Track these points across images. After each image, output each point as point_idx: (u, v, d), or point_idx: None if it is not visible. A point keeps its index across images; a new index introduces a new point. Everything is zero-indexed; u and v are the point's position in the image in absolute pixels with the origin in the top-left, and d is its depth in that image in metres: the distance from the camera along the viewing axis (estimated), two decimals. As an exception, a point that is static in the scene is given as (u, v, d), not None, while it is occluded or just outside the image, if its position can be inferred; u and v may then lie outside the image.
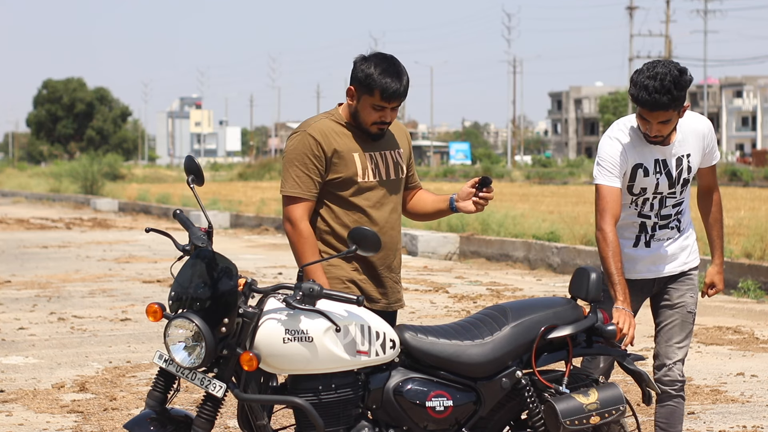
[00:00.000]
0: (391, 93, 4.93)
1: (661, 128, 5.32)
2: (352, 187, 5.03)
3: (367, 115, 5.00)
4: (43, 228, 27.86)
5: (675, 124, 5.36)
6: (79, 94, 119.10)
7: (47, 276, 16.30)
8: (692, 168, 5.51)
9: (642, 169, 5.44)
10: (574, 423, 4.84)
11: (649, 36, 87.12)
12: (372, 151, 5.07)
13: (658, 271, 5.59)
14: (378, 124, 5.01)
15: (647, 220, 5.53)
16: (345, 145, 5.02)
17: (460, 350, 4.86)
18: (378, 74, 4.92)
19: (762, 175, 56.98)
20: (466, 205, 5.14)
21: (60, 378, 8.91)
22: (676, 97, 5.20)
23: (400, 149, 5.18)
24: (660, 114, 5.25)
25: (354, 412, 4.75)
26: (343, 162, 5.01)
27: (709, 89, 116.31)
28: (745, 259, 15.08)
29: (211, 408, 4.60)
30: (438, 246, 19.83)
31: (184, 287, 4.60)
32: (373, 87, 4.93)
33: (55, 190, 48.48)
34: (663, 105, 5.20)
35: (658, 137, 5.37)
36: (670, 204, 5.53)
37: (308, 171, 4.99)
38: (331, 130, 5.04)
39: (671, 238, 5.57)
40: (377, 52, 5.05)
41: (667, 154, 5.46)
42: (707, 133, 5.56)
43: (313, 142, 5.00)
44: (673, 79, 5.18)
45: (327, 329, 4.60)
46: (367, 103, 4.98)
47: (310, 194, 5.01)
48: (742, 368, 9.16)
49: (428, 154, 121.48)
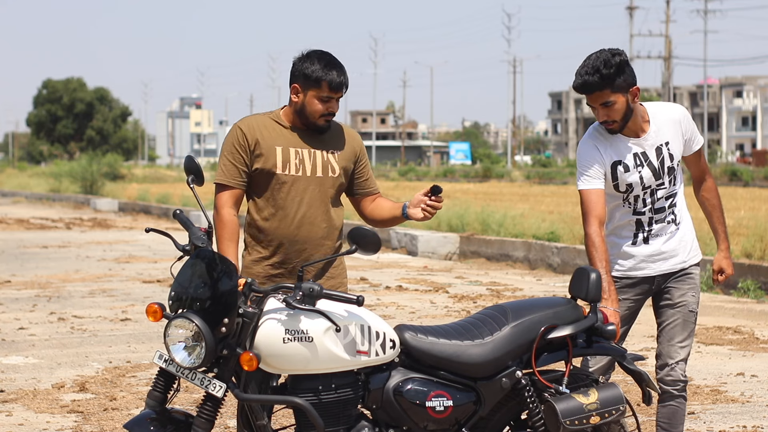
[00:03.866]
0: (338, 83, 5.17)
1: (609, 112, 5.35)
2: (271, 179, 5.22)
3: (313, 108, 5.22)
4: (43, 228, 27.87)
5: (624, 108, 5.36)
6: (79, 94, 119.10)
7: (47, 276, 16.30)
8: (674, 155, 5.50)
9: (621, 166, 5.45)
10: (574, 423, 4.85)
11: (649, 36, 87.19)
12: (300, 148, 5.26)
13: (658, 269, 5.57)
14: (326, 116, 5.23)
15: (642, 216, 5.53)
16: (270, 138, 5.24)
17: (460, 350, 4.86)
18: (322, 68, 5.19)
19: (762, 175, 56.98)
20: (415, 212, 5.25)
21: (60, 378, 8.91)
22: (606, 75, 5.26)
23: (338, 150, 5.32)
24: (597, 96, 5.32)
25: (354, 412, 4.76)
26: (264, 154, 5.22)
27: (709, 89, 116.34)
28: (745, 259, 15.09)
29: (211, 408, 4.60)
30: (438, 246, 19.83)
31: (184, 287, 4.60)
32: (320, 79, 5.18)
33: (55, 190, 48.49)
34: (594, 84, 5.28)
35: (609, 123, 5.38)
36: (662, 196, 5.52)
37: (234, 160, 5.22)
38: (261, 124, 5.28)
39: (670, 232, 5.55)
40: (314, 49, 5.30)
41: (646, 146, 5.47)
42: (681, 118, 5.54)
43: (240, 133, 5.24)
44: (603, 59, 5.28)
45: (327, 329, 4.61)
46: (314, 96, 5.20)
47: (235, 182, 5.22)
48: (742, 368, 9.16)
49: (428, 154, 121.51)
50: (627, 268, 5.55)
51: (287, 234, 5.20)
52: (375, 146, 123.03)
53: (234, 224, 5.18)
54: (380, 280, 15.66)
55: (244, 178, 5.22)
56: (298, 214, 5.20)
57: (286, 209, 5.20)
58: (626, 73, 5.34)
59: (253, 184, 5.24)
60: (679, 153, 5.54)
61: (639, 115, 5.46)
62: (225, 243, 5.13)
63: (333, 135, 5.33)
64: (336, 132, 5.36)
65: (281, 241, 5.20)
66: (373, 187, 5.46)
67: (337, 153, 5.31)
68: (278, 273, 5.22)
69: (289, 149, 5.23)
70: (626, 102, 5.36)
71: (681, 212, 5.59)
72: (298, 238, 5.20)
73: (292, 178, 5.21)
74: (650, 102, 5.61)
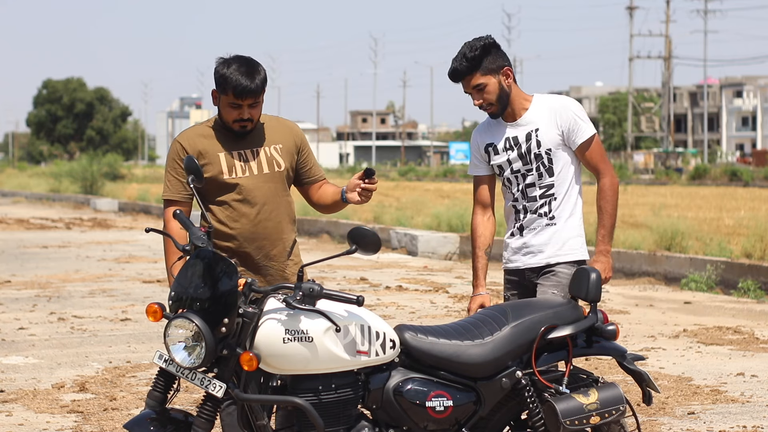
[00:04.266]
0: (242, 90, 5.18)
1: (482, 95, 5.44)
2: (219, 184, 5.28)
3: (227, 114, 5.28)
4: (43, 228, 27.87)
5: (498, 90, 5.42)
6: (79, 94, 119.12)
7: (47, 276, 16.30)
8: (542, 142, 5.44)
9: (492, 148, 5.53)
10: (574, 423, 4.85)
11: (649, 36, 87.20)
12: (242, 149, 5.33)
13: (525, 262, 5.53)
14: (239, 122, 5.26)
15: (516, 203, 5.54)
16: (211, 146, 5.30)
17: (460, 350, 4.86)
18: (230, 73, 5.20)
19: (762, 175, 57.01)
20: (352, 196, 5.34)
21: (60, 378, 8.91)
22: (472, 58, 5.37)
23: (279, 145, 5.39)
24: (467, 81, 5.42)
25: (354, 412, 4.76)
26: (209, 162, 5.28)
27: (709, 89, 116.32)
28: (745, 259, 15.09)
29: (211, 408, 4.60)
30: (438, 246, 19.83)
31: (184, 287, 4.60)
32: (226, 86, 5.21)
33: (55, 190, 48.49)
34: (463, 70, 5.40)
35: (486, 107, 5.45)
36: (532, 183, 5.48)
37: (177, 174, 5.32)
38: (199, 134, 5.35)
39: (541, 226, 5.49)
40: (236, 55, 5.31)
41: (519, 131, 5.49)
42: (560, 108, 5.46)
43: (180, 147, 5.32)
44: (469, 45, 5.40)
45: (327, 329, 4.61)
46: (225, 103, 5.25)
47: (180, 195, 5.33)
48: (742, 368, 9.16)
49: (428, 155, 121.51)
50: (505, 260, 5.61)
51: (245, 234, 5.30)
52: (375, 146, 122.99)
53: (183, 237, 5.23)
54: (380, 280, 15.67)
55: (189, 191, 5.31)
56: (253, 213, 5.30)
57: (240, 210, 5.29)
58: (493, 54, 5.42)
59: (205, 193, 5.30)
60: (551, 142, 5.45)
61: (519, 99, 5.50)
62: (171, 255, 5.22)
63: (272, 130, 5.41)
64: (273, 126, 5.44)
65: (240, 241, 5.30)
66: (318, 175, 5.54)
67: (279, 147, 5.39)
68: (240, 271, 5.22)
69: (232, 153, 5.31)
70: (498, 83, 5.43)
71: (561, 209, 5.50)
72: (256, 236, 5.32)
73: (240, 180, 5.30)
74: (547, 94, 5.63)
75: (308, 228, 24.50)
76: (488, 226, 5.60)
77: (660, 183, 57.45)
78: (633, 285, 15.33)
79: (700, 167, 64.07)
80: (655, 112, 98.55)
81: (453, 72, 5.45)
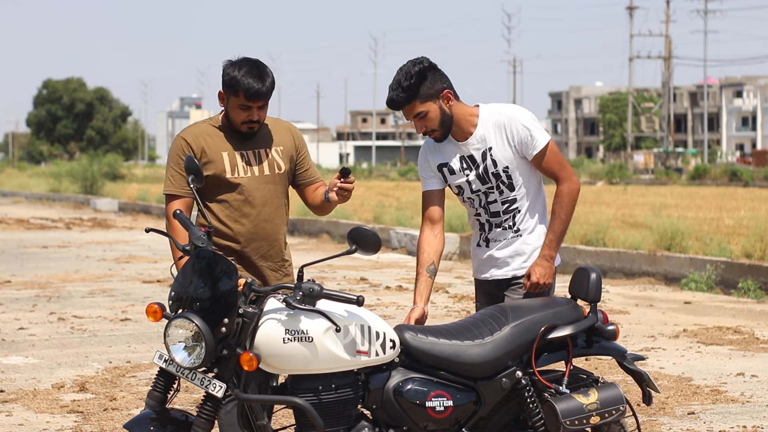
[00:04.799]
0: (254, 93, 5.24)
1: (424, 123, 5.26)
2: (222, 183, 5.34)
3: (236, 115, 5.31)
4: (43, 228, 27.87)
5: (439, 115, 5.24)
6: (79, 94, 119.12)
7: (47, 276, 16.30)
8: (498, 162, 5.29)
9: (447, 168, 5.39)
10: (574, 423, 4.84)
11: (649, 36, 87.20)
12: (244, 150, 5.37)
13: (491, 273, 5.44)
14: (247, 123, 5.32)
15: (480, 217, 5.45)
16: (215, 144, 5.35)
17: (460, 350, 4.86)
18: (241, 76, 5.25)
19: (762, 175, 57.01)
20: (332, 195, 5.35)
21: (60, 378, 8.91)
22: (408, 87, 5.17)
23: (280, 147, 5.43)
24: (407, 110, 5.23)
25: (354, 412, 4.76)
26: (212, 160, 5.33)
27: (709, 89, 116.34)
28: (745, 259, 15.09)
29: (211, 408, 4.60)
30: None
31: (184, 287, 4.60)
32: (237, 88, 5.25)
33: (55, 190, 48.48)
34: (401, 100, 5.21)
35: (430, 133, 5.30)
36: (495, 200, 5.37)
37: (180, 169, 5.35)
38: (204, 132, 5.40)
39: (507, 239, 5.40)
40: (244, 57, 5.36)
41: (472, 150, 5.33)
42: (507, 123, 5.28)
43: (184, 143, 5.36)
44: (404, 71, 5.19)
45: (327, 329, 4.61)
46: (235, 104, 5.30)
47: (183, 191, 5.36)
48: (743, 368, 9.16)
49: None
50: (473, 270, 5.54)
51: (245, 234, 5.34)
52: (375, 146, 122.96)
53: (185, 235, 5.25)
54: (380, 280, 15.67)
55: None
56: (254, 214, 5.34)
57: (242, 211, 5.33)
58: (429, 79, 5.19)
59: (206, 190, 5.34)
60: (507, 159, 5.31)
61: (465, 117, 5.31)
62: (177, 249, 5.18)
63: (273, 132, 5.46)
64: (275, 128, 5.48)
65: (240, 241, 5.34)
66: (314, 177, 5.57)
67: (280, 149, 5.44)
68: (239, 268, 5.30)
69: (235, 153, 5.36)
70: (439, 108, 5.23)
71: (526, 221, 5.39)
72: (255, 237, 5.36)
73: (242, 180, 5.34)
74: (493, 104, 5.42)
75: (308, 228, 24.50)
76: (434, 243, 5.39)
77: (660, 183, 57.46)
78: (633, 285, 15.33)
79: (700, 167, 64.07)
80: (655, 112, 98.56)
81: (391, 102, 5.25)
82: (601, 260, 16.51)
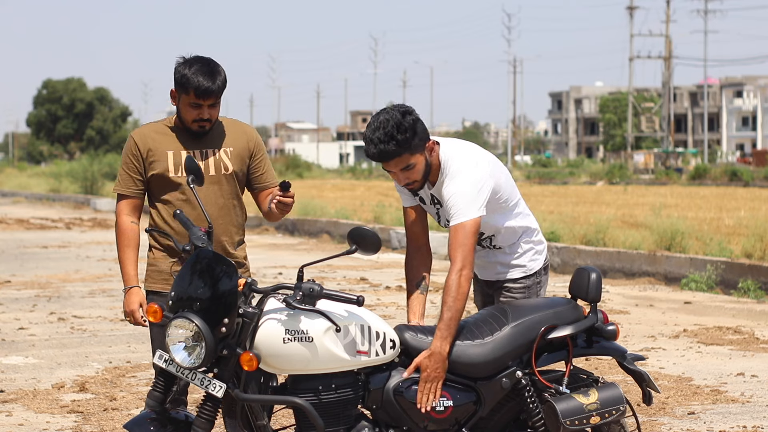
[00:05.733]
0: (203, 90, 5.23)
1: (409, 174, 5.02)
2: (166, 183, 5.36)
3: (186, 113, 5.32)
4: (43, 228, 27.87)
5: (424, 167, 5.03)
6: (79, 94, 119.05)
7: (47, 276, 16.30)
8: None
9: (419, 198, 5.27)
10: (575, 423, 4.84)
11: (650, 36, 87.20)
12: (192, 149, 5.37)
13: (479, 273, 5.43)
14: (198, 122, 5.31)
15: None
16: (161, 144, 5.37)
17: (460, 350, 4.86)
18: (192, 74, 5.24)
19: (762, 175, 56.99)
20: (273, 206, 5.31)
21: (60, 378, 8.91)
22: (403, 141, 4.92)
23: (230, 148, 5.42)
24: (396, 162, 4.99)
25: (354, 412, 4.76)
26: (157, 160, 5.36)
27: (709, 89, 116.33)
28: (745, 260, 15.09)
29: (211, 408, 4.60)
30: (438, 246, 19.78)
31: (184, 287, 4.60)
32: (188, 86, 5.25)
33: (55, 190, 48.50)
34: (391, 152, 4.94)
35: (411, 184, 5.09)
36: None
37: (128, 170, 5.40)
38: (153, 131, 5.42)
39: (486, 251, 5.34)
40: (196, 56, 5.35)
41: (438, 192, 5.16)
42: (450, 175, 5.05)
43: (132, 143, 5.40)
44: (395, 123, 4.91)
45: (327, 329, 4.61)
46: (186, 102, 5.29)
47: (130, 191, 5.41)
48: (743, 368, 9.16)
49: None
50: None
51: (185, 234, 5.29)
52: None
53: (132, 231, 5.37)
54: (380, 280, 15.66)
55: (139, 186, 5.40)
56: (194, 214, 5.30)
57: (183, 209, 5.30)
58: (419, 131, 4.98)
59: (152, 190, 5.38)
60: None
61: (436, 165, 5.13)
62: (123, 250, 5.36)
63: (225, 133, 5.44)
64: (230, 129, 5.46)
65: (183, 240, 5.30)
66: (270, 181, 5.53)
67: (230, 150, 5.41)
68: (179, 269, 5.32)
69: (180, 152, 5.35)
70: (425, 159, 5.07)
71: (504, 239, 5.29)
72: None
73: (185, 179, 5.32)
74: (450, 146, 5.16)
75: (308, 228, 24.50)
76: (420, 258, 5.28)
77: (660, 183, 57.45)
78: (633, 285, 15.33)
79: (700, 167, 64.06)
80: (655, 112, 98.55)
81: (380, 154, 4.95)
82: (601, 260, 16.51)
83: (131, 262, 5.36)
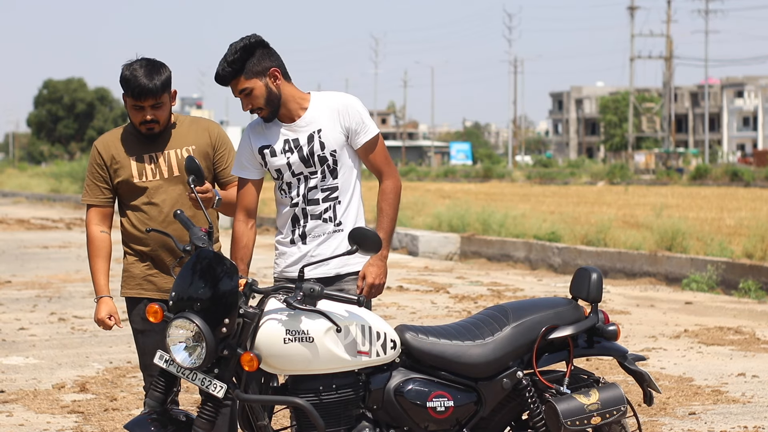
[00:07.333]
0: (140, 91, 5.21)
1: (250, 100, 5.08)
2: (131, 188, 5.38)
3: (132, 116, 5.33)
4: (43, 228, 27.87)
5: (265, 93, 5.07)
6: (79, 94, 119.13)
7: (48, 276, 16.30)
8: (326, 144, 5.13)
9: (268, 150, 5.18)
10: (575, 423, 4.84)
11: (650, 36, 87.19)
12: (154, 152, 5.37)
13: (310, 273, 5.10)
14: (145, 124, 5.30)
15: (296, 208, 5.17)
16: (123, 150, 5.38)
17: (460, 351, 4.86)
18: (130, 75, 5.23)
19: (763, 175, 56.96)
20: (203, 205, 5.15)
21: (60, 378, 8.91)
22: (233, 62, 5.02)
23: (192, 146, 5.41)
24: (233, 86, 5.08)
25: (355, 412, 4.75)
26: (121, 166, 5.37)
27: (710, 89, 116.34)
28: (746, 260, 15.09)
29: (212, 408, 4.60)
30: (439, 246, 19.82)
31: (184, 287, 4.60)
32: (127, 87, 5.24)
33: (55, 191, 48.51)
34: (226, 75, 5.05)
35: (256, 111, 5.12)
36: (315, 186, 5.14)
37: (95, 179, 5.43)
38: (115, 138, 5.43)
39: (327, 233, 5.18)
40: (141, 57, 5.32)
41: (299, 133, 5.15)
42: (341, 107, 5.14)
43: (96, 152, 5.42)
44: (232, 47, 5.04)
45: (328, 330, 4.60)
46: (129, 105, 5.29)
47: (98, 200, 5.42)
48: (744, 369, 9.15)
49: (429, 155, 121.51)
50: (278, 268, 5.26)
51: (153, 237, 5.33)
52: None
53: (101, 240, 5.38)
54: (381, 281, 15.63)
55: (107, 194, 5.42)
56: (161, 217, 5.33)
57: (150, 214, 5.34)
58: (257, 55, 5.06)
59: (121, 197, 5.41)
60: (336, 143, 5.13)
61: (295, 100, 5.16)
62: (94, 260, 5.38)
63: (188, 131, 5.43)
64: (190, 128, 5.45)
65: (151, 245, 5.35)
66: (233, 176, 5.46)
67: (192, 148, 5.40)
68: (154, 273, 5.40)
69: (143, 156, 5.36)
70: (265, 86, 5.09)
71: (347, 214, 5.18)
72: (165, 240, 5.31)
73: (149, 183, 5.34)
74: (326, 91, 5.31)
75: (309, 228, 24.45)
76: (251, 235, 5.22)
77: (661, 183, 57.45)
78: (634, 285, 15.33)
79: (701, 167, 64.05)
80: (656, 112, 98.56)
81: (216, 76, 5.09)
82: (602, 260, 16.51)
83: (101, 271, 5.39)
